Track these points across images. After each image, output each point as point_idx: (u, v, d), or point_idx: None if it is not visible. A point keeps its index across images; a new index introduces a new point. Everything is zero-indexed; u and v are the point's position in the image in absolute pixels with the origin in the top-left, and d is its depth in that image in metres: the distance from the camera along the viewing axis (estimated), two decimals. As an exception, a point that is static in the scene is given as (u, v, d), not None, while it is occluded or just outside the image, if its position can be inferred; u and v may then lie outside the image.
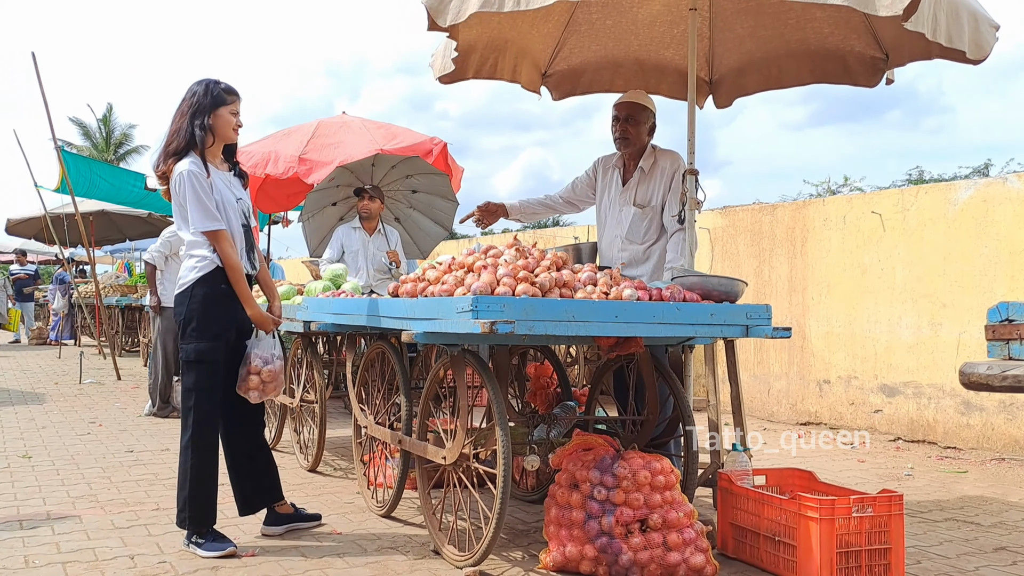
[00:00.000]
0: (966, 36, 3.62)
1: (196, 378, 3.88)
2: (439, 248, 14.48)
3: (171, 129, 3.95)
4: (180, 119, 3.92)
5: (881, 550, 3.38)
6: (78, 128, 41.93)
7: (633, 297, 3.40)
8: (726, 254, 8.85)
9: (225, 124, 3.94)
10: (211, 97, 3.91)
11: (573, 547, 3.40)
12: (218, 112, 3.91)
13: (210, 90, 3.92)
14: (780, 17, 4.71)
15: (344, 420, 7.59)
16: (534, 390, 4.89)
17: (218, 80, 3.98)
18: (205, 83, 3.95)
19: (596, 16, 4.91)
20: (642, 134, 4.65)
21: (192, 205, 3.81)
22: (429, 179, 7.43)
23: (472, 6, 3.54)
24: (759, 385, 8.51)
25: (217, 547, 3.79)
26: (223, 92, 3.93)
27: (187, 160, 3.84)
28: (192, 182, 3.80)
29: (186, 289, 3.90)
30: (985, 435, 6.55)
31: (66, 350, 16.36)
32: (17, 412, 8.24)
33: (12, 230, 18.18)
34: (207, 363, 3.88)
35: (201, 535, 3.83)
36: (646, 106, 4.66)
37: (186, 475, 3.86)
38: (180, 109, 3.95)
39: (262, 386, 4.04)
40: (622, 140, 4.67)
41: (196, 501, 3.85)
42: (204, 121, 3.89)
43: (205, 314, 3.87)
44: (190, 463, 3.85)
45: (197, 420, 3.87)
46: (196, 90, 3.93)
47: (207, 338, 3.88)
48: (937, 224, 6.95)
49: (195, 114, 3.89)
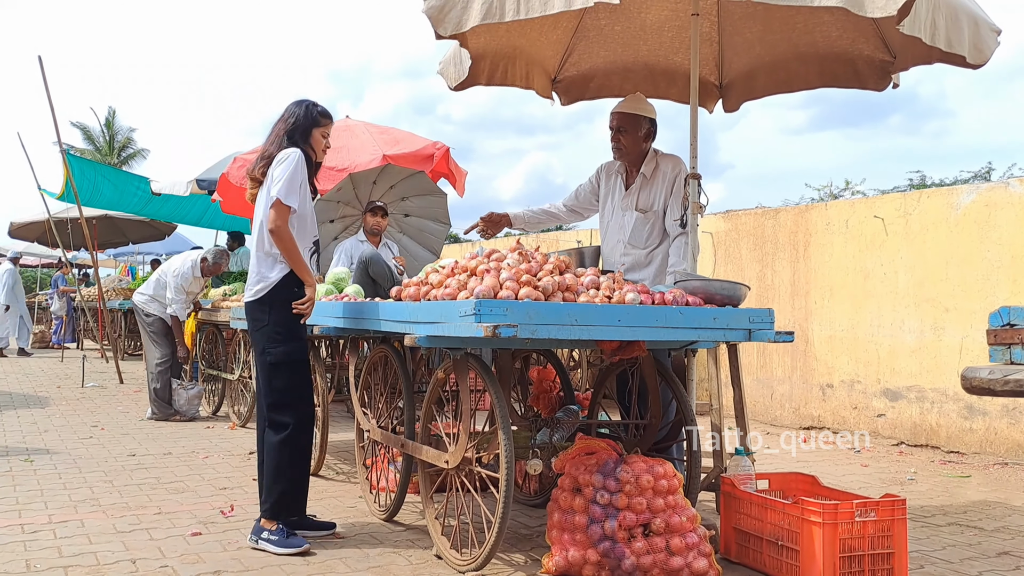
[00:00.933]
0: (966, 40, 3.61)
1: (290, 377, 4.07)
2: (442, 252, 14.51)
3: (269, 140, 4.18)
4: (278, 134, 4.14)
5: (884, 555, 3.37)
6: (81, 132, 41.99)
7: (636, 301, 3.40)
8: (729, 258, 8.85)
9: (317, 144, 4.20)
10: (309, 119, 4.15)
11: (576, 551, 3.40)
12: (313, 133, 4.17)
13: (309, 112, 4.16)
14: (788, 21, 4.70)
15: (347, 424, 7.59)
16: (537, 394, 4.89)
17: (315, 103, 4.22)
18: (304, 104, 4.19)
19: (604, 22, 4.92)
20: (637, 143, 4.61)
21: (286, 178, 3.95)
22: (425, 200, 7.52)
23: (474, 17, 3.55)
24: (762, 389, 8.50)
25: (294, 544, 3.89)
26: (319, 115, 4.18)
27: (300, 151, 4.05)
28: (299, 163, 4.00)
29: (264, 296, 4.06)
30: (988, 439, 6.54)
31: (68, 353, 16.37)
32: (19, 415, 8.25)
33: (15, 233, 18.19)
34: (299, 362, 4.10)
35: (273, 532, 3.93)
36: (638, 114, 4.62)
37: (283, 470, 4.02)
38: (276, 128, 4.19)
39: None
40: (616, 151, 4.67)
41: (292, 494, 4.05)
42: (304, 141, 4.14)
43: (288, 317, 4.04)
44: (288, 459, 4.04)
45: (299, 417, 4.06)
46: (296, 112, 4.16)
47: (294, 339, 4.08)
48: (939, 228, 6.94)
49: (292, 131, 4.11)
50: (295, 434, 4.04)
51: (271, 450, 4.06)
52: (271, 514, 3.99)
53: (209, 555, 3.84)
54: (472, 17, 3.56)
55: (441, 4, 3.62)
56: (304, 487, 4.13)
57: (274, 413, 4.08)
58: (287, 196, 3.94)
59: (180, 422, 7.93)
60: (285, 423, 4.04)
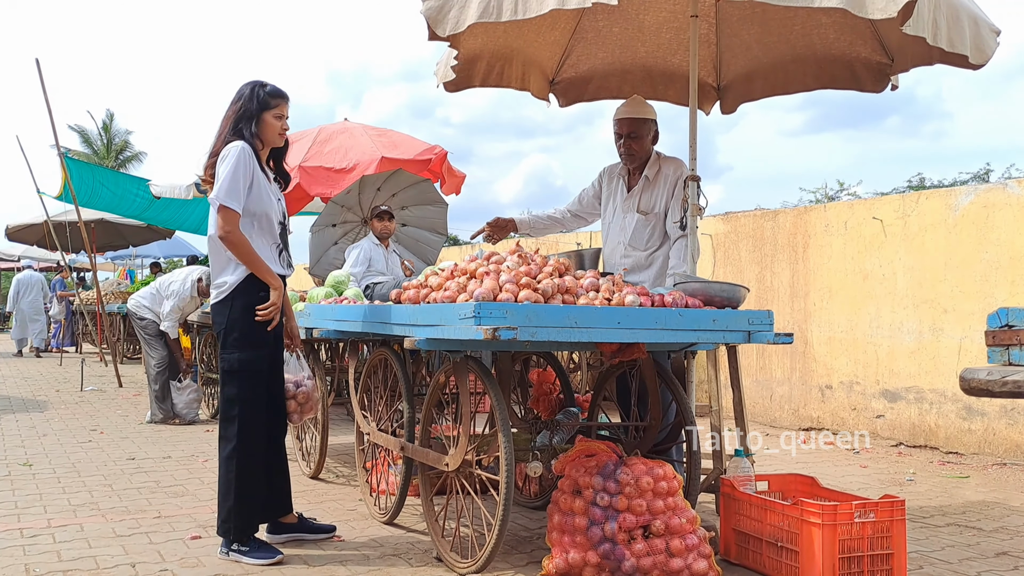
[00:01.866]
0: (967, 40, 3.62)
1: (240, 388, 3.85)
2: (442, 255, 14.51)
3: (218, 133, 3.92)
4: (226, 123, 3.89)
5: (883, 555, 3.38)
6: (79, 135, 41.97)
7: (635, 303, 3.40)
8: (728, 260, 8.86)
9: (271, 130, 3.91)
10: (256, 102, 3.86)
11: (576, 553, 3.40)
12: (263, 118, 3.87)
13: (255, 94, 3.86)
14: (786, 23, 4.71)
15: (346, 427, 7.59)
16: (537, 396, 4.89)
17: (264, 83, 3.93)
18: (251, 86, 3.90)
19: (603, 24, 4.92)
20: (646, 146, 4.63)
21: (226, 177, 3.71)
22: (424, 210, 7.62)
23: (470, 16, 3.55)
24: (761, 391, 8.51)
25: (265, 555, 3.77)
26: (268, 96, 3.87)
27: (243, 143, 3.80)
28: (239, 158, 3.74)
29: (225, 298, 3.85)
30: (987, 440, 6.55)
31: (67, 357, 16.37)
32: (18, 419, 8.24)
33: (13, 236, 18.18)
34: (250, 372, 3.86)
35: (243, 543, 3.81)
36: (646, 118, 4.63)
37: (230, 485, 3.82)
38: (227, 114, 3.91)
39: (299, 408, 4.14)
40: (628, 156, 4.64)
41: (242, 511, 3.82)
42: (252, 128, 3.85)
43: (245, 323, 3.83)
44: (235, 473, 3.82)
45: (242, 430, 3.83)
46: (243, 92, 3.88)
47: (249, 347, 3.85)
48: (938, 230, 6.95)
49: (240, 119, 3.84)
50: (241, 448, 3.81)
51: (220, 463, 3.89)
52: (223, 531, 3.84)
53: (208, 559, 3.83)
54: (469, 16, 3.56)
55: (439, 4, 3.62)
56: (256, 504, 3.89)
57: (222, 423, 3.90)
58: (228, 198, 3.69)
59: (179, 426, 7.93)
60: (230, 436, 3.83)
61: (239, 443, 3.83)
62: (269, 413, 4.01)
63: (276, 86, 3.95)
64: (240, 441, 3.83)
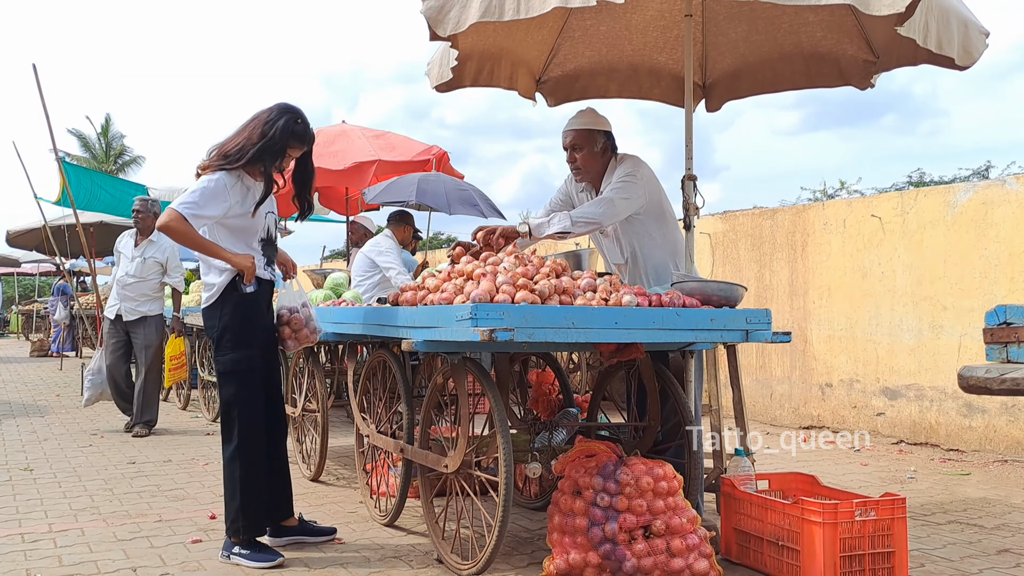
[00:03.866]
0: (955, 42, 3.63)
1: (236, 388, 3.93)
2: (438, 256, 14.50)
3: (237, 137, 3.92)
4: (249, 134, 3.88)
5: (884, 554, 3.38)
6: (77, 140, 41.97)
7: (633, 303, 3.40)
8: (727, 259, 8.86)
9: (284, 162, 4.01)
10: (287, 138, 3.90)
11: (577, 554, 3.40)
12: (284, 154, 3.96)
13: (288, 129, 3.89)
14: (773, 22, 4.72)
15: (346, 429, 7.59)
16: (536, 397, 4.89)
17: (297, 119, 3.94)
18: (285, 119, 3.90)
19: (590, 22, 4.92)
20: (593, 159, 4.38)
21: (196, 192, 3.77)
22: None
23: (472, 16, 3.54)
24: (761, 389, 8.51)
25: (266, 558, 3.79)
26: (292, 139, 3.92)
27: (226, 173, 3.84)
28: (218, 183, 3.79)
29: (215, 302, 3.93)
30: (987, 437, 6.55)
31: (67, 362, 16.37)
32: (19, 424, 8.24)
33: (13, 241, 18.19)
34: (245, 372, 3.93)
35: (244, 546, 3.83)
36: (590, 129, 4.39)
37: (236, 485, 3.89)
38: (252, 125, 3.91)
39: (293, 335, 4.10)
40: (574, 171, 4.44)
41: (249, 509, 3.88)
42: (278, 164, 3.94)
43: (236, 324, 3.91)
44: (239, 472, 3.90)
45: (243, 429, 3.91)
46: (276, 123, 3.88)
47: (242, 347, 3.92)
48: (937, 227, 6.95)
49: (267, 147, 3.86)
50: (243, 447, 3.90)
51: (224, 465, 3.96)
52: (232, 532, 3.89)
53: (210, 563, 3.84)
54: (471, 17, 3.54)
55: (440, 4, 3.60)
56: (261, 503, 3.95)
57: (222, 426, 3.97)
58: (180, 204, 3.74)
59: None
60: (231, 437, 3.92)
61: (240, 442, 3.90)
62: (267, 413, 4.04)
63: (306, 128, 3.98)
64: (241, 440, 3.90)
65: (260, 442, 3.98)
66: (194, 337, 9.12)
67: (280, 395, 4.24)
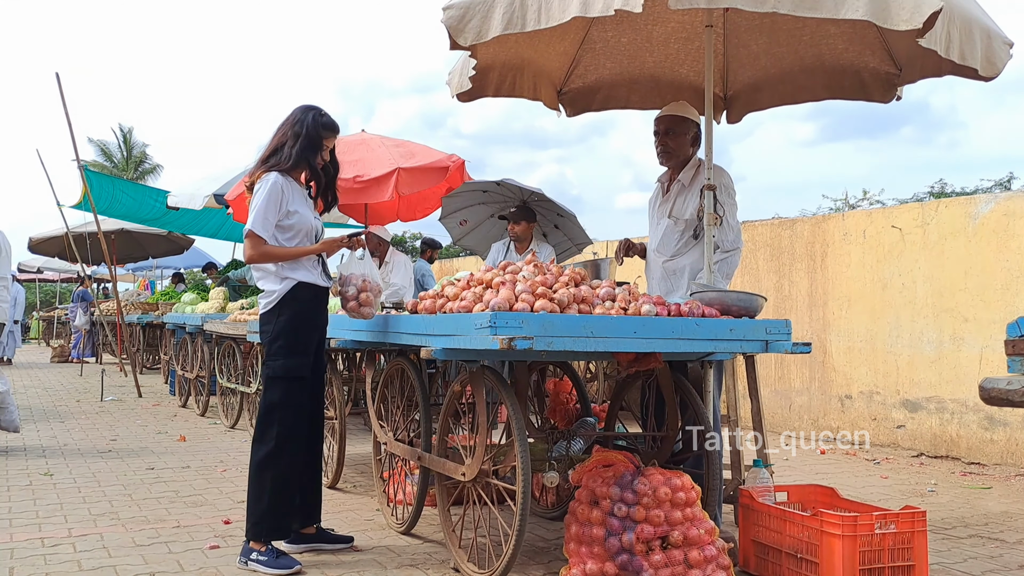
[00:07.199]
0: (979, 53, 3.60)
1: (282, 393, 3.99)
2: (458, 264, 14.52)
3: (271, 145, 4.09)
4: (281, 138, 4.06)
5: (904, 567, 3.35)
6: (99, 148, 42.40)
7: (651, 313, 3.40)
8: (746, 269, 8.82)
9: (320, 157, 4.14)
10: (318, 130, 4.06)
11: (594, 564, 3.39)
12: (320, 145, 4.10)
13: (317, 123, 4.06)
14: (795, 34, 4.70)
15: (364, 436, 7.61)
16: (553, 406, 4.88)
17: (322, 112, 4.12)
18: (312, 114, 4.08)
19: (611, 34, 4.93)
20: (684, 145, 4.59)
21: (259, 208, 3.93)
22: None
23: (495, 27, 3.54)
24: (780, 400, 8.46)
25: (284, 564, 3.81)
26: (324, 128, 4.08)
27: (279, 174, 3.99)
28: (273, 190, 3.95)
29: (273, 308, 4.02)
30: (1009, 450, 6.48)
31: (87, 368, 16.50)
32: (39, 430, 8.31)
33: (36, 248, 18.41)
34: (295, 379, 4.00)
35: (263, 552, 3.85)
36: (686, 117, 4.61)
37: (264, 488, 3.93)
38: (282, 129, 4.08)
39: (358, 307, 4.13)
40: (663, 153, 4.62)
41: (274, 514, 3.92)
42: (318, 157, 4.08)
43: (292, 331, 4.00)
44: (271, 476, 3.94)
45: (283, 434, 3.96)
46: (303, 119, 4.06)
47: (296, 354, 4.00)
48: (958, 238, 6.90)
49: (304, 142, 4.02)
50: (277, 452, 3.93)
51: (253, 468, 3.98)
52: (253, 535, 3.90)
53: (228, 568, 3.85)
54: (493, 27, 3.55)
55: (461, 14, 3.62)
56: (287, 509, 4.00)
57: (260, 427, 4.01)
58: (254, 225, 3.93)
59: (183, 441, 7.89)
60: (268, 439, 3.95)
61: (276, 447, 3.95)
62: (309, 421, 4.13)
63: (332, 118, 4.14)
64: (278, 446, 3.95)
65: (297, 449, 4.04)
66: (213, 344, 9.17)
67: (322, 402, 4.33)
